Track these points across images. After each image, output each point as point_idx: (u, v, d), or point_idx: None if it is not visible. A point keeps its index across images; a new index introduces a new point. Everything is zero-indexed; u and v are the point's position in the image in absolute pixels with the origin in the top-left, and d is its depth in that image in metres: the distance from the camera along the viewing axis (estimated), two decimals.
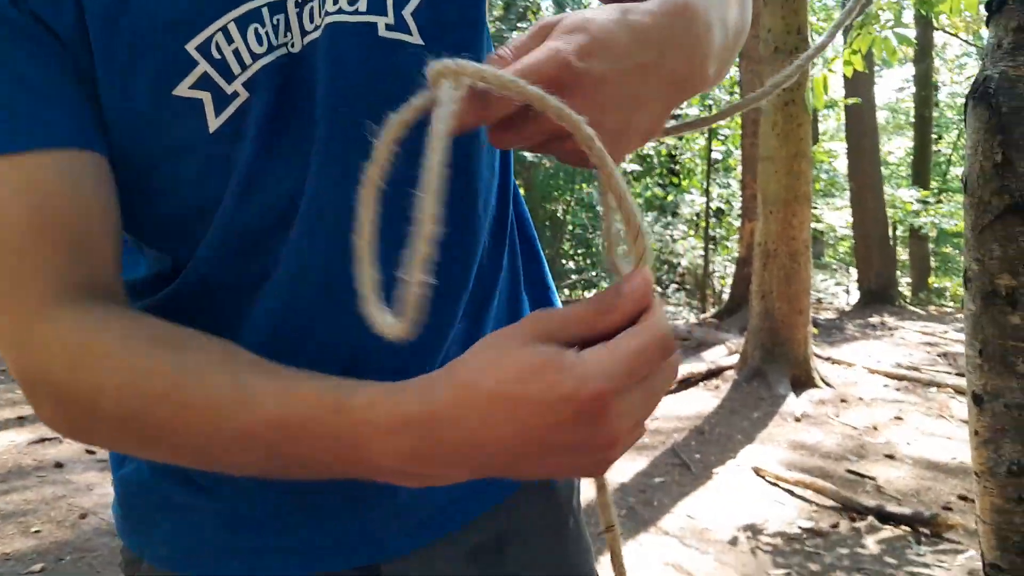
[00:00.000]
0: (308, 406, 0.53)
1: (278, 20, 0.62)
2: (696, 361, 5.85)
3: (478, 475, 0.53)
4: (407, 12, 0.66)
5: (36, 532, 3.30)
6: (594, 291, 12.52)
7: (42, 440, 4.30)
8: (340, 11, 0.64)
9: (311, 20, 0.64)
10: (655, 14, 0.58)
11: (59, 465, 4.01)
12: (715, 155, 10.88)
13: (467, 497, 0.82)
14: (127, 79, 0.60)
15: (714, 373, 5.78)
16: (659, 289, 11.92)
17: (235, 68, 0.62)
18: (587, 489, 0.73)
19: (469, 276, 0.77)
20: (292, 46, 0.64)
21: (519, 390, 0.47)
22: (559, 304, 0.95)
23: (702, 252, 10.80)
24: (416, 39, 0.67)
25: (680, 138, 11.47)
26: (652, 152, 12.09)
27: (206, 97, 0.61)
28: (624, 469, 4.01)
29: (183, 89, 0.60)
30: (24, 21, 0.58)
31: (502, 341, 0.49)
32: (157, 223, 0.68)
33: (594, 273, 11.81)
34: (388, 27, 0.66)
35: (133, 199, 0.66)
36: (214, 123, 0.62)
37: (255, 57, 0.62)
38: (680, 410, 5.06)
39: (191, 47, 0.60)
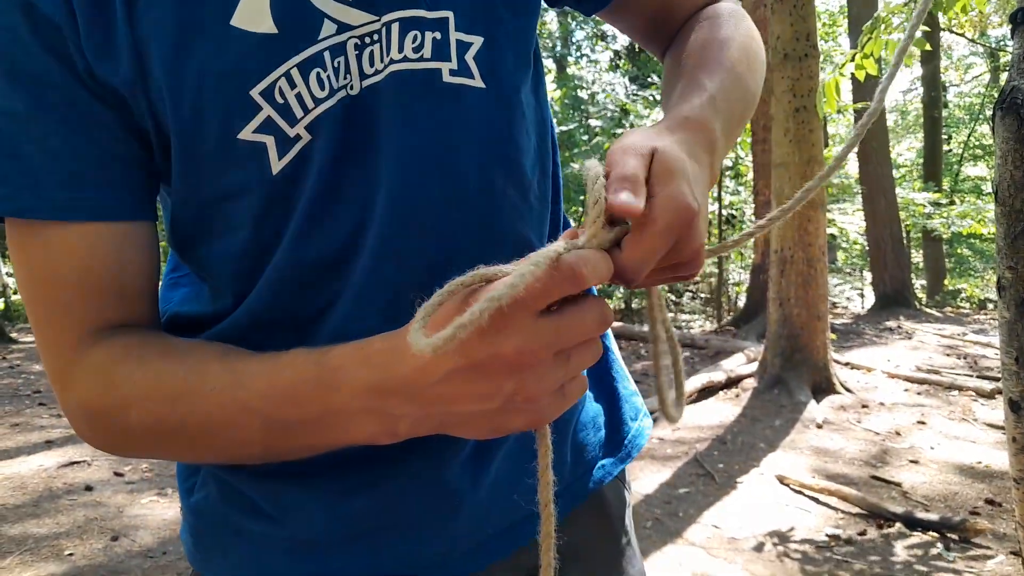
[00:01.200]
0: (293, 368, 0.59)
1: (338, 63, 0.64)
2: (715, 370, 5.83)
3: (426, 418, 0.57)
4: (469, 56, 0.68)
5: (69, 555, 3.31)
6: (608, 300, 12.52)
7: (71, 463, 4.33)
8: (405, 59, 0.66)
9: (371, 64, 0.65)
10: (699, 142, 0.63)
11: (89, 488, 4.04)
12: (725, 161, 10.87)
13: (524, 521, 0.84)
14: (195, 123, 0.62)
15: (734, 382, 5.76)
16: (673, 297, 11.90)
17: (298, 112, 0.63)
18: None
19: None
20: (351, 88, 0.65)
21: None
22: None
23: (716, 259, 10.78)
24: (478, 83, 0.69)
25: None
26: None
27: (269, 141, 0.63)
28: (648, 480, 4.00)
29: (247, 133, 0.62)
30: (76, 85, 0.60)
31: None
32: (218, 259, 0.70)
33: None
34: (452, 72, 0.68)
35: (195, 235, 0.70)
36: (277, 165, 0.64)
37: (317, 101, 0.63)
38: (702, 420, 5.05)
39: (255, 92, 0.61)
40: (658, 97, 11.63)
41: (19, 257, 0.64)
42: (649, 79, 11.82)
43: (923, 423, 4.80)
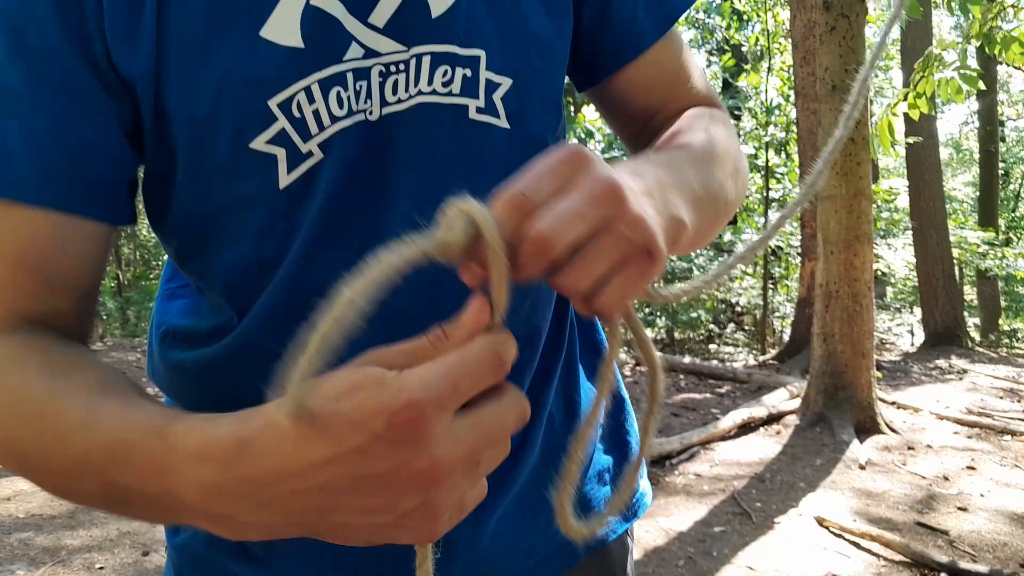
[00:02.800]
0: (137, 430, 0.51)
1: (360, 86, 0.63)
2: (756, 405, 5.71)
3: (286, 526, 0.49)
4: (497, 96, 0.68)
5: (100, 569, 3.35)
6: (649, 330, 12.38)
7: None
8: (434, 92, 0.66)
9: (394, 92, 0.64)
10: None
11: None
12: (772, 193, 10.74)
13: (534, 568, 0.82)
14: (209, 127, 0.61)
15: (775, 418, 5.63)
16: (717, 329, 11.74)
17: (313, 128, 0.63)
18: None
19: (535, 358, 0.78)
20: (370, 114, 0.64)
21: (332, 408, 0.43)
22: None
23: (761, 292, 10.62)
24: (503, 123, 0.69)
25: None
26: None
27: (280, 153, 0.62)
28: (682, 517, 3.91)
29: (260, 143, 0.62)
30: (83, 70, 0.59)
31: (334, 372, 0.45)
32: (218, 272, 0.69)
33: (649, 310, 11.69)
34: (479, 110, 0.68)
35: (196, 245, 0.69)
36: (285, 179, 0.63)
37: (334, 119, 0.63)
38: (740, 456, 4.93)
39: (273, 103, 0.61)
40: None
41: None
42: None
43: (973, 468, 4.62)
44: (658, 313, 11.33)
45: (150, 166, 0.65)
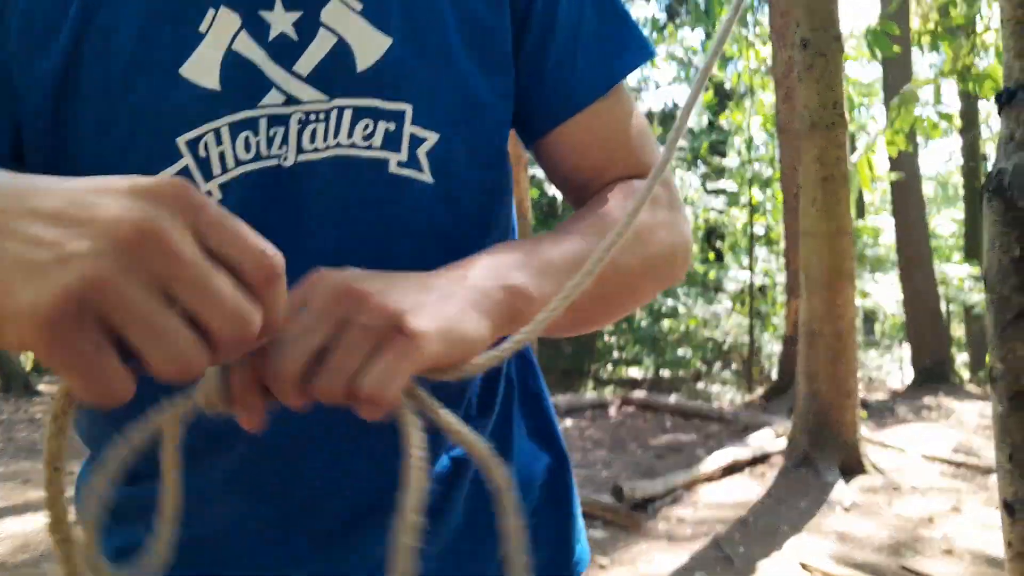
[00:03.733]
0: None
1: (275, 132, 0.64)
2: (741, 446, 5.64)
3: None
4: (421, 151, 0.68)
5: None
6: (636, 368, 12.33)
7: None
8: (353, 145, 0.66)
9: (312, 140, 0.65)
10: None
11: None
12: (757, 229, 10.77)
13: None
14: (118, 156, 0.63)
15: (760, 459, 5.56)
16: (704, 368, 11.69)
17: (216, 169, 0.63)
18: None
19: (463, 401, 0.76)
20: (284, 160, 0.64)
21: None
22: (552, 410, 0.92)
23: (748, 330, 10.60)
24: (426, 177, 0.68)
25: (720, 212, 11.41)
26: (693, 226, 12.07)
27: None
28: (663, 563, 3.82)
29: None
30: None
31: None
32: None
33: (636, 349, 11.66)
34: (400, 163, 0.67)
35: None
36: None
37: (239, 163, 0.64)
38: (724, 499, 4.85)
39: (181, 140, 0.62)
40: (686, 158, 11.65)
41: None
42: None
43: (958, 509, 4.55)
44: (645, 351, 11.29)
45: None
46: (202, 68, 0.62)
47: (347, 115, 0.65)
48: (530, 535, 0.82)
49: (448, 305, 0.53)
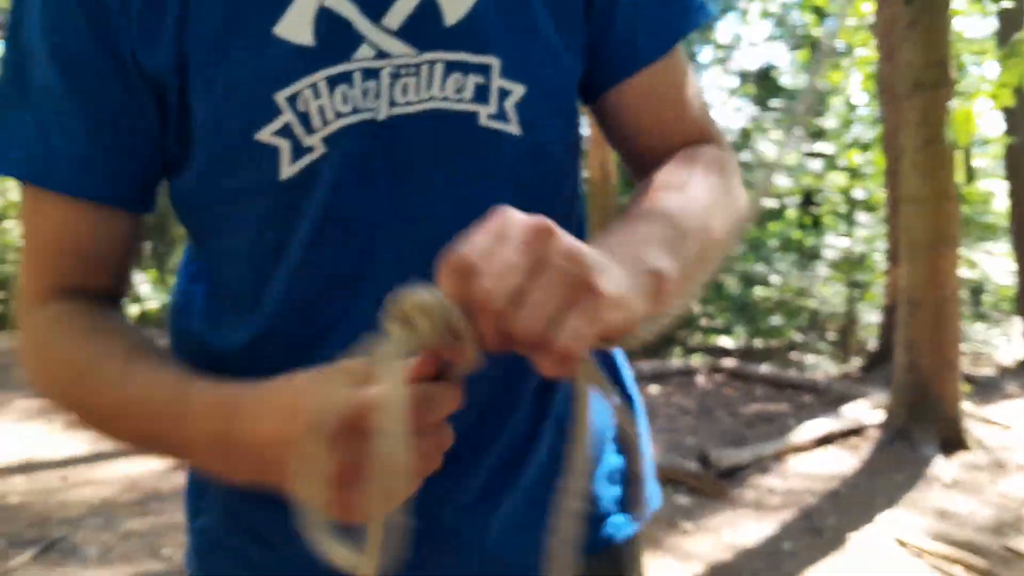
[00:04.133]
0: (159, 391, 0.63)
1: (369, 86, 0.66)
2: (834, 417, 5.47)
3: (261, 476, 0.58)
4: (509, 103, 0.70)
5: (166, 555, 3.49)
6: (727, 337, 12.11)
7: (178, 468, 4.52)
8: (445, 99, 0.68)
9: (404, 94, 0.67)
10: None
11: None
12: (857, 194, 10.34)
13: (536, 567, 0.78)
14: (221, 116, 0.66)
15: (855, 431, 5.38)
16: (799, 338, 11.37)
17: (316, 123, 0.66)
18: None
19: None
20: (378, 114, 0.67)
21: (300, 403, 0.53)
22: (620, 358, 0.94)
23: (846, 299, 10.24)
24: (514, 129, 0.71)
25: (818, 176, 11.01)
26: (788, 191, 11.68)
27: (284, 145, 0.66)
28: (750, 532, 3.77)
29: (265, 135, 0.66)
30: (113, 73, 0.65)
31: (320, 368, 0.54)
32: (227, 256, 0.74)
33: (727, 317, 11.43)
34: (490, 116, 0.70)
35: (208, 228, 0.75)
36: (286, 171, 0.67)
37: (338, 115, 0.66)
38: (816, 470, 4.73)
39: (280, 96, 0.65)
40: (783, 120, 11.27)
41: (24, 209, 0.73)
42: (769, 102, 11.46)
43: None
44: (737, 320, 11.06)
45: (170, 153, 0.71)
46: (295, 25, 0.65)
47: (438, 69, 0.67)
48: (601, 471, 0.85)
49: (622, 276, 0.53)
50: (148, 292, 12.66)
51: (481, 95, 0.69)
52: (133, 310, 12.76)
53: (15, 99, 0.69)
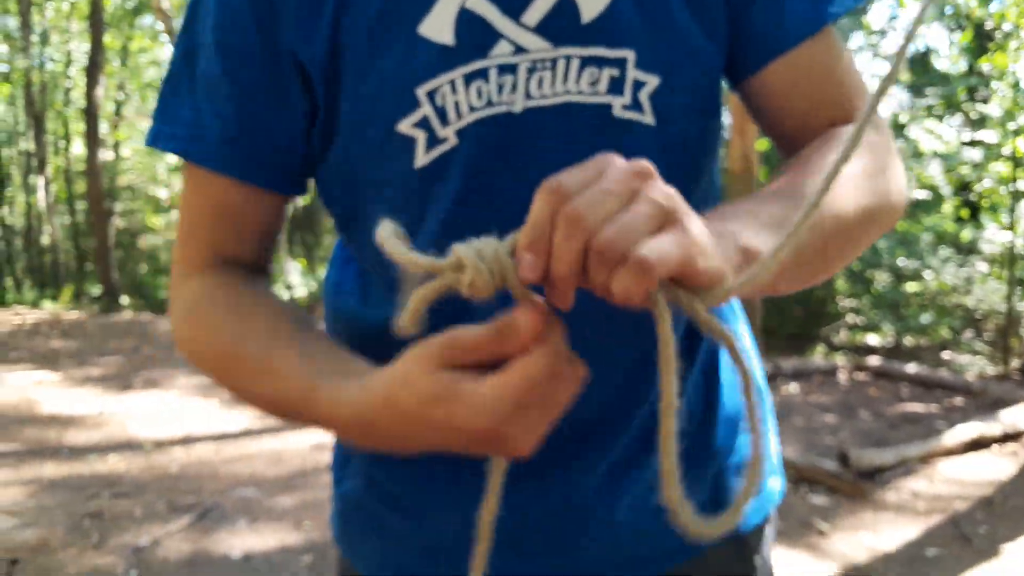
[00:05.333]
0: (295, 389, 0.66)
1: (504, 81, 0.69)
2: (990, 421, 5.11)
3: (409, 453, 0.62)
4: (644, 94, 0.71)
5: (306, 527, 3.68)
6: (874, 335, 11.52)
7: (323, 446, 4.76)
8: (580, 92, 0.70)
9: (539, 87, 0.70)
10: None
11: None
12: (1021, 185, 9.58)
13: (662, 552, 0.84)
14: (366, 108, 0.71)
15: (1013, 436, 5.02)
16: (951, 336, 10.69)
17: (451, 116, 0.70)
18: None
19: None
20: (514, 106, 0.70)
21: (425, 413, 0.54)
22: (753, 352, 0.95)
23: (1005, 296, 9.53)
24: (649, 120, 0.72)
25: (976, 166, 10.27)
26: (943, 182, 10.95)
27: (420, 136, 0.70)
28: (891, 536, 3.61)
29: (405, 126, 0.70)
30: (271, 66, 0.71)
31: (417, 362, 0.55)
32: (366, 241, 0.78)
33: (872, 315, 10.86)
34: (624, 107, 0.71)
35: (349, 214, 0.80)
36: (420, 160, 0.71)
37: (472, 109, 0.69)
38: (966, 476, 4.46)
39: (420, 91, 0.69)
40: (935, 107, 10.60)
41: (184, 185, 0.80)
42: (925, 91, 10.75)
43: None
44: (885, 317, 10.51)
45: (315, 142, 0.76)
46: (438, 26, 0.69)
47: (574, 64, 0.69)
48: (731, 463, 0.86)
49: (711, 240, 0.54)
50: (298, 280, 13.30)
51: (616, 87, 0.70)
52: (284, 296, 13.47)
53: (183, 85, 0.76)
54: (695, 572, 0.85)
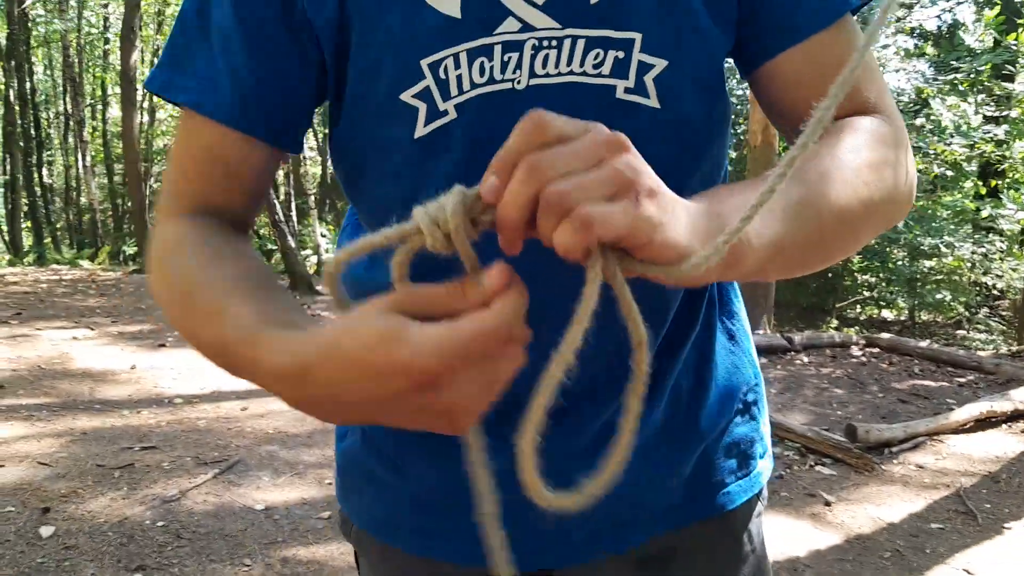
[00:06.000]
0: (240, 338, 0.61)
1: (509, 58, 0.69)
2: (1000, 399, 5.16)
3: (351, 422, 0.59)
4: (649, 77, 0.70)
5: (328, 484, 3.78)
6: (889, 311, 11.48)
7: None
8: (584, 73, 0.70)
9: (544, 65, 0.69)
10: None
11: None
12: None
13: (642, 522, 0.87)
14: (372, 76, 0.71)
15: (1022, 414, 5.07)
16: (967, 313, 10.67)
17: (453, 90, 0.70)
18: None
19: (661, 328, 0.82)
20: (518, 83, 0.69)
21: (366, 356, 0.50)
22: (749, 336, 0.97)
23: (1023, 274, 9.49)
24: (653, 103, 0.71)
25: (999, 144, 10.16)
26: (963, 159, 10.83)
27: (422, 107, 0.70)
28: (896, 508, 3.68)
29: (408, 95, 0.70)
30: (283, 23, 0.71)
31: (367, 308, 0.53)
32: (369, 202, 0.80)
33: (887, 290, 10.83)
34: (627, 90, 0.70)
35: (353, 175, 0.79)
36: (420, 131, 0.71)
37: (473, 86, 0.69)
38: (974, 452, 4.51)
39: (424, 62, 0.69)
40: (961, 83, 10.44)
41: (181, 133, 0.78)
42: (952, 64, 10.59)
43: None
44: (900, 292, 10.49)
45: (330, 107, 0.76)
46: None
47: (580, 45, 0.68)
48: (721, 443, 0.89)
49: (675, 216, 0.54)
50: (326, 244, 13.37)
51: (620, 69, 0.69)
52: (312, 260, 13.59)
53: (195, 36, 0.75)
54: (679, 545, 0.88)
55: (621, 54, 0.69)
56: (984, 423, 4.94)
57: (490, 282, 0.52)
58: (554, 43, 0.68)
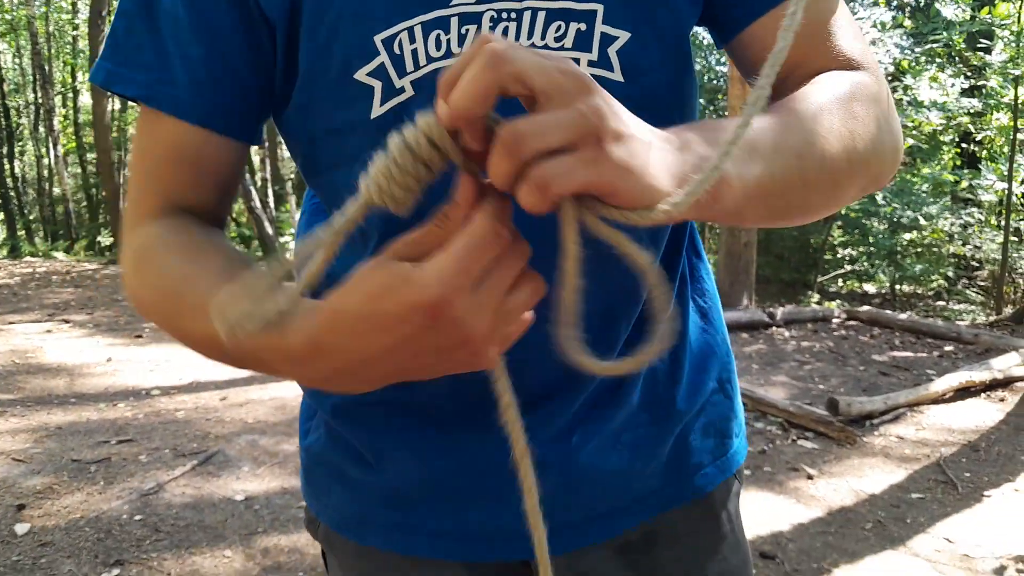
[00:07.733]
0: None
1: (467, 31, 0.67)
2: (980, 368, 5.20)
3: (378, 385, 0.57)
4: (612, 50, 0.68)
5: None
6: (870, 284, 11.56)
7: None
8: (546, 46, 0.67)
9: (504, 37, 0.66)
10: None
11: None
12: (1021, 134, 9.54)
13: (623, 509, 0.85)
14: (323, 57, 0.68)
15: (1001, 384, 5.12)
16: (947, 284, 10.76)
17: (408, 66, 0.67)
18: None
19: (641, 294, 0.80)
20: None
21: (375, 307, 0.51)
22: (721, 315, 0.95)
23: (1001, 245, 9.57)
24: (617, 76, 0.69)
25: (978, 115, 10.21)
26: (941, 129, 10.88)
27: (377, 86, 0.68)
28: (876, 480, 3.70)
29: (362, 74, 0.68)
30: (235, 9, 0.68)
31: (363, 267, 0.52)
32: (330, 189, 0.77)
33: (868, 264, 10.90)
34: (591, 63, 0.68)
35: (312, 162, 0.77)
36: (377, 110, 0.68)
37: (429, 60, 0.67)
38: (952, 421, 4.55)
39: (378, 39, 0.67)
40: (939, 52, 10.47)
41: (139, 130, 0.76)
42: (931, 36, 10.60)
43: None
44: (881, 265, 10.55)
45: (277, 90, 0.74)
46: None
47: (540, 17, 0.67)
48: (697, 423, 0.88)
49: (647, 158, 0.52)
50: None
51: (583, 42, 0.68)
52: (292, 246, 13.48)
53: (142, 27, 0.71)
54: (661, 529, 0.87)
55: (583, 26, 0.67)
56: (963, 393, 4.99)
57: (462, 195, 0.51)
58: (513, 15, 0.66)
